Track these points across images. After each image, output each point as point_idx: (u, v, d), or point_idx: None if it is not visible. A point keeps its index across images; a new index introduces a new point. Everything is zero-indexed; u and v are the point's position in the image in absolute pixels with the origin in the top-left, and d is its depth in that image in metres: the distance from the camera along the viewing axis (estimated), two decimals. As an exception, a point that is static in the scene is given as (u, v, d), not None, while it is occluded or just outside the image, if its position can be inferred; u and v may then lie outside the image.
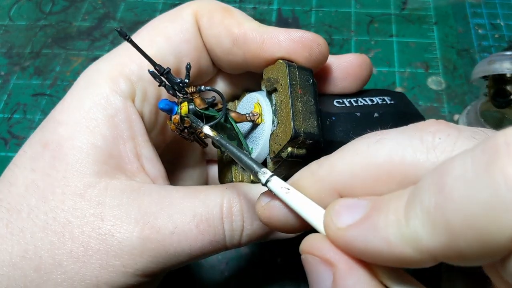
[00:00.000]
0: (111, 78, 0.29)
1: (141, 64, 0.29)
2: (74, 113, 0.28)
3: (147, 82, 0.29)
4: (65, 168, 0.26)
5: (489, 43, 0.58)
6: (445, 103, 0.53)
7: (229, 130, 0.29)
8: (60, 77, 0.58)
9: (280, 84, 0.28)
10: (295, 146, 0.27)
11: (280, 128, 0.27)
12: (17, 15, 0.65)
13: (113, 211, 0.25)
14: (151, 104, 0.30)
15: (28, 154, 0.28)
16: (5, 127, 0.54)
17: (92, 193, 0.26)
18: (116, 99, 0.28)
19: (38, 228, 0.25)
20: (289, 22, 0.62)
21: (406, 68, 0.56)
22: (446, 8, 0.62)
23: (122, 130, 0.28)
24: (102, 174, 0.27)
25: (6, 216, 0.26)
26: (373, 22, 0.61)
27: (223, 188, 0.28)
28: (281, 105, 0.27)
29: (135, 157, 0.28)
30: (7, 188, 0.27)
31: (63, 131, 0.27)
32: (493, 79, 0.39)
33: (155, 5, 0.65)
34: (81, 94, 0.29)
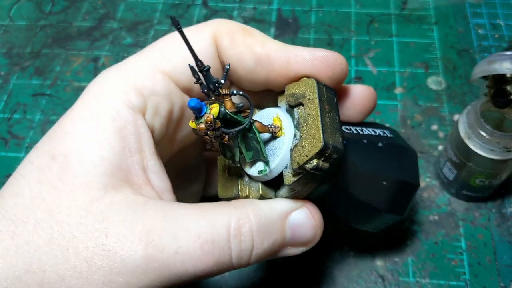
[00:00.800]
0: (122, 90, 0.29)
1: (154, 78, 0.29)
2: (83, 124, 0.28)
3: (159, 96, 0.29)
4: (72, 181, 0.26)
5: (489, 43, 0.58)
6: (445, 103, 0.53)
7: (249, 138, 0.29)
8: (60, 77, 0.58)
9: (307, 99, 0.28)
10: (321, 158, 0.27)
11: (307, 140, 0.27)
12: (17, 15, 0.65)
13: (117, 227, 0.25)
14: (162, 118, 0.30)
15: (35, 165, 0.27)
16: (5, 127, 0.54)
17: (98, 207, 0.26)
18: (126, 112, 0.28)
19: (43, 242, 0.25)
20: (289, 22, 0.62)
21: (406, 68, 0.57)
22: (446, 8, 0.62)
23: (130, 143, 0.28)
24: (109, 188, 0.26)
25: (12, 228, 0.25)
26: (373, 22, 0.61)
27: (231, 207, 0.27)
28: (308, 119, 0.28)
29: (141, 170, 0.28)
30: (13, 199, 0.26)
31: (71, 143, 0.27)
32: (493, 79, 0.39)
33: (155, 5, 0.65)
34: (91, 105, 0.28)
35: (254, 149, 0.29)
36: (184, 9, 0.64)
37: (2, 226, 0.26)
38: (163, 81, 0.30)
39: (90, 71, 0.58)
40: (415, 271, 0.42)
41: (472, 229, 0.44)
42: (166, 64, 0.30)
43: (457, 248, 0.43)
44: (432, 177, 0.48)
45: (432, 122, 0.52)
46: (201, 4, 0.65)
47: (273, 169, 0.29)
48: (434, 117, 0.52)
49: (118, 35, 0.62)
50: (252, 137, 0.29)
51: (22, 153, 0.51)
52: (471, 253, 0.43)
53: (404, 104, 0.53)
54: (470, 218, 0.45)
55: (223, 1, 0.65)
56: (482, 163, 0.40)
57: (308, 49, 0.29)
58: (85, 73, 0.58)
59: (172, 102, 0.30)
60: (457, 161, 0.43)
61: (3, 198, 0.27)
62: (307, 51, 0.29)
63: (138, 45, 0.60)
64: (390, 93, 0.54)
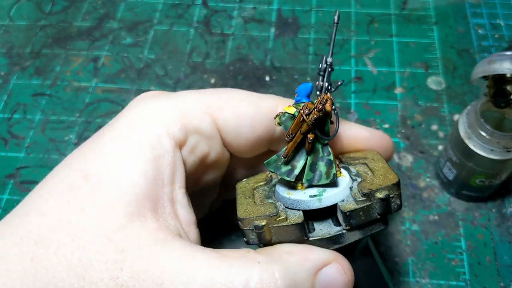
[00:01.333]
0: (169, 120, 0.29)
1: (202, 119, 0.30)
2: (123, 146, 0.28)
3: (200, 136, 0.30)
4: (101, 205, 0.26)
5: (489, 43, 0.58)
6: (445, 103, 0.53)
7: (318, 158, 0.29)
8: (60, 77, 0.58)
9: (371, 159, 0.30)
10: (391, 194, 0.27)
11: (377, 178, 0.28)
12: (17, 15, 0.65)
13: (132, 262, 0.25)
14: (196, 157, 0.31)
15: (66, 184, 0.27)
16: (5, 127, 0.54)
17: (119, 237, 0.25)
18: (167, 142, 0.28)
19: (61, 268, 0.25)
20: (289, 22, 0.62)
21: (406, 68, 0.56)
22: (446, 8, 0.62)
23: (164, 173, 0.28)
24: (135, 217, 0.26)
25: (33, 249, 0.25)
26: (373, 22, 0.61)
27: (254, 262, 0.25)
28: (375, 169, 0.29)
29: (169, 202, 0.28)
30: (39, 219, 0.26)
31: (108, 164, 0.27)
32: (493, 79, 0.39)
33: (155, 5, 0.65)
34: (134, 126, 0.28)
35: (316, 173, 0.29)
36: (184, 9, 0.64)
37: (24, 247, 0.25)
38: (209, 125, 0.30)
39: (90, 71, 0.58)
40: (415, 271, 0.42)
41: (472, 229, 0.44)
42: (219, 113, 0.30)
43: (457, 248, 0.43)
44: (432, 177, 0.48)
45: (432, 122, 0.52)
46: (201, 4, 0.65)
47: (328, 196, 0.28)
48: (434, 117, 0.52)
49: (118, 35, 0.62)
50: (321, 158, 0.29)
51: (22, 153, 0.51)
52: (471, 253, 0.43)
53: (404, 104, 0.53)
54: (470, 218, 0.45)
55: (223, 1, 0.65)
56: (482, 163, 0.40)
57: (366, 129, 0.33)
58: (85, 73, 0.58)
59: (210, 147, 0.31)
60: (457, 161, 0.43)
61: (28, 216, 0.26)
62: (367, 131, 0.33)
63: (138, 45, 0.60)
64: (390, 93, 0.54)
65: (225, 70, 0.57)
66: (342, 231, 0.28)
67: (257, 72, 0.57)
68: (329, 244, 0.28)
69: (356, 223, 0.27)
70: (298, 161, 0.29)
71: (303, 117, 0.27)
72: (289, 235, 0.28)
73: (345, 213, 0.27)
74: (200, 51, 0.59)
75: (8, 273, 0.25)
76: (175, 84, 0.56)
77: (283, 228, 0.27)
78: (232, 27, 0.62)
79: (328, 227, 0.28)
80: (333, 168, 0.29)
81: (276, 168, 0.29)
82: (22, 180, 0.50)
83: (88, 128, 0.53)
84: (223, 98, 0.31)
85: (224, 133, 0.31)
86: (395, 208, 0.28)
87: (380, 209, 0.27)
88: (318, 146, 0.29)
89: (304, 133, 0.28)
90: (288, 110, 0.29)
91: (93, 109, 0.55)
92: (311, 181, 0.29)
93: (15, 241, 0.25)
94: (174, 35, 0.61)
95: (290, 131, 0.28)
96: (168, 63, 0.59)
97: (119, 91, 0.56)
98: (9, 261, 0.25)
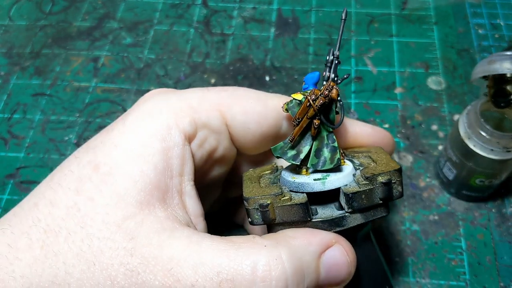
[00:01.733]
0: (179, 114, 0.29)
1: (211, 114, 0.31)
2: (133, 138, 0.28)
3: (209, 131, 0.31)
4: (111, 194, 0.26)
5: (489, 43, 0.58)
6: (445, 103, 0.53)
7: (324, 145, 0.30)
8: (60, 77, 0.58)
9: (374, 152, 0.32)
10: (393, 180, 0.28)
11: (380, 166, 0.29)
12: (17, 15, 0.65)
13: (142, 249, 0.25)
14: (204, 151, 0.31)
15: (76, 175, 0.27)
16: (5, 127, 0.54)
17: (129, 225, 0.26)
18: (177, 134, 0.29)
19: (72, 255, 0.25)
20: (289, 22, 0.62)
21: (406, 68, 0.56)
22: (446, 8, 0.62)
23: (173, 164, 0.28)
24: (143, 206, 0.27)
25: (42, 237, 0.26)
26: (373, 22, 0.61)
27: (261, 245, 0.26)
28: (378, 160, 0.30)
29: (178, 193, 0.29)
30: (48, 208, 0.26)
31: (118, 155, 0.28)
32: (493, 79, 0.39)
33: (155, 5, 0.65)
34: (145, 119, 0.29)
35: (321, 159, 0.30)
36: (184, 9, 0.64)
37: (33, 235, 0.26)
38: (218, 120, 0.31)
39: (90, 71, 0.58)
40: (415, 271, 0.42)
41: (472, 229, 0.44)
42: (227, 109, 0.31)
43: (457, 248, 0.43)
44: (432, 177, 0.48)
45: (432, 122, 0.52)
46: (201, 4, 0.65)
47: (332, 180, 0.29)
48: (434, 117, 0.52)
49: (118, 35, 0.62)
50: (326, 144, 0.30)
51: (22, 153, 0.51)
52: (471, 253, 0.43)
53: (404, 104, 0.53)
54: (470, 218, 0.45)
55: (223, 1, 0.65)
56: (482, 163, 0.40)
57: (370, 126, 0.35)
58: (85, 73, 0.58)
59: (218, 142, 0.32)
60: (457, 161, 0.43)
61: (37, 206, 0.27)
62: (370, 127, 0.34)
63: (138, 45, 0.60)
64: (390, 93, 0.54)
65: (225, 70, 0.57)
66: (344, 214, 0.28)
67: (257, 72, 0.57)
68: (331, 226, 0.28)
69: (359, 206, 0.28)
70: (303, 146, 0.30)
71: (310, 102, 0.28)
72: (293, 215, 0.28)
73: (348, 195, 0.27)
74: (200, 51, 0.59)
75: (17, 260, 0.25)
76: (175, 84, 0.56)
77: (287, 208, 0.28)
78: (232, 27, 0.62)
79: (331, 211, 0.29)
80: (337, 153, 0.30)
81: (283, 153, 0.30)
82: (22, 180, 0.50)
83: (88, 128, 0.53)
84: (232, 95, 0.32)
85: (232, 128, 0.32)
86: (397, 195, 0.29)
87: (382, 193, 0.28)
88: (324, 134, 0.30)
89: (310, 118, 0.29)
90: (296, 97, 0.30)
91: (93, 109, 0.55)
92: (315, 166, 0.30)
93: (24, 230, 0.26)
94: (174, 35, 0.61)
95: (297, 115, 0.29)
96: (168, 63, 0.59)
97: (119, 91, 0.56)
98: (18, 250, 0.25)
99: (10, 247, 0.25)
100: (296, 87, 0.55)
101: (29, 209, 0.27)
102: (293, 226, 0.29)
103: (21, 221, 0.26)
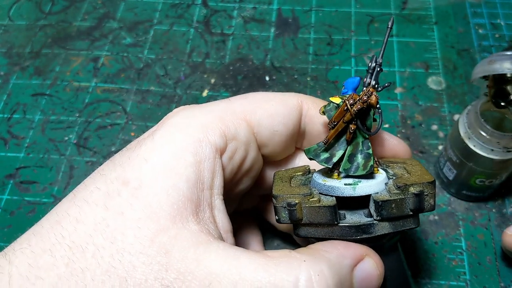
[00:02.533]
0: (208, 127, 0.29)
1: (238, 125, 0.30)
2: (164, 152, 0.28)
3: (239, 143, 0.31)
4: (142, 208, 0.26)
5: (489, 43, 0.58)
6: (445, 103, 0.53)
7: (358, 150, 0.30)
8: (60, 77, 0.58)
9: (409, 164, 0.31)
10: (425, 192, 0.27)
11: (413, 177, 0.28)
12: (17, 15, 0.65)
13: (177, 264, 0.24)
14: (234, 163, 0.31)
15: (103, 191, 0.27)
16: (5, 127, 0.54)
17: (162, 239, 0.25)
18: (208, 147, 0.28)
19: (101, 271, 0.24)
20: (289, 22, 0.62)
21: (406, 68, 0.56)
22: (446, 8, 0.62)
23: (204, 177, 0.28)
24: (177, 219, 0.26)
25: (67, 254, 0.24)
26: (373, 22, 0.61)
27: (300, 260, 0.25)
28: (412, 171, 0.30)
29: (208, 207, 0.28)
30: (74, 225, 0.25)
31: (148, 170, 0.27)
32: (493, 79, 0.39)
33: (155, 5, 0.65)
34: (174, 134, 0.29)
35: (354, 164, 0.29)
36: (184, 9, 0.64)
37: (57, 252, 0.24)
38: (245, 130, 0.31)
39: (90, 71, 0.58)
40: (415, 271, 0.42)
41: (472, 229, 0.44)
42: (252, 116, 0.31)
43: (457, 248, 0.43)
44: (432, 177, 0.48)
45: (432, 122, 0.52)
46: (201, 4, 0.65)
47: (363, 186, 0.28)
48: (434, 117, 0.52)
49: (118, 35, 0.62)
50: (360, 151, 0.30)
51: (22, 153, 0.51)
52: (471, 253, 0.43)
53: (404, 104, 0.53)
54: (470, 218, 0.45)
55: (223, 1, 0.65)
56: (482, 163, 0.40)
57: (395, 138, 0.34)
58: (85, 73, 0.58)
59: (247, 152, 0.32)
60: (457, 161, 0.42)
61: (61, 224, 0.26)
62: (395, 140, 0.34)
63: (138, 45, 0.60)
64: (390, 93, 0.54)
65: (225, 70, 0.57)
66: (372, 221, 0.28)
67: (257, 72, 0.57)
68: (357, 232, 0.28)
69: (388, 215, 0.27)
70: (337, 150, 0.30)
71: (348, 106, 0.28)
72: (320, 217, 0.28)
73: (378, 203, 0.27)
74: (200, 51, 0.59)
75: (39, 280, 0.24)
76: (175, 84, 0.56)
77: (314, 209, 0.28)
78: (232, 27, 0.62)
79: (359, 217, 0.29)
80: (371, 160, 0.29)
81: (316, 155, 0.30)
82: (21, 180, 0.49)
83: (88, 128, 0.53)
84: (253, 101, 0.32)
85: (259, 135, 0.32)
86: (428, 207, 0.28)
87: (413, 204, 0.27)
88: (359, 139, 0.30)
89: (347, 122, 0.29)
90: (334, 100, 0.30)
91: (93, 109, 0.55)
92: (348, 171, 0.29)
93: (46, 247, 0.25)
94: (174, 35, 0.61)
95: (333, 118, 0.29)
96: (168, 63, 0.59)
97: (119, 91, 0.56)
98: (39, 268, 0.24)
99: (31, 266, 0.24)
100: (296, 87, 0.55)
101: (50, 227, 0.26)
102: (319, 228, 0.29)
103: (43, 239, 0.25)
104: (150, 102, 0.55)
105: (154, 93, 0.56)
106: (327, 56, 0.58)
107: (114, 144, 0.52)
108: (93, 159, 0.51)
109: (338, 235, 0.29)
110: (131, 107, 0.55)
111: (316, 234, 0.29)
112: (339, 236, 0.29)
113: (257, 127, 0.31)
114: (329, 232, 0.29)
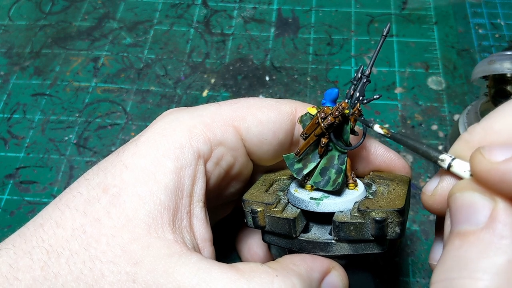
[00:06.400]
0: (192, 133, 0.29)
1: (225, 130, 0.30)
2: (145, 158, 0.27)
3: (226, 148, 0.30)
4: (119, 216, 0.26)
5: (490, 43, 0.58)
6: (445, 103, 0.53)
7: (332, 164, 0.29)
8: (60, 77, 0.58)
9: (396, 183, 0.30)
10: (389, 220, 0.27)
11: (384, 200, 0.28)
12: (16, 15, 0.65)
13: (146, 275, 0.24)
14: (221, 169, 0.31)
15: (85, 197, 0.27)
16: (4, 127, 0.54)
17: (134, 248, 0.25)
18: (190, 153, 0.28)
19: (72, 277, 0.24)
20: (289, 22, 0.62)
21: (406, 68, 0.56)
22: (446, 8, 0.62)
23: (184, 184, 0.28)
24: (152, 228, 0.26)
25: (44, 258, 0.25)
26: (373, 22, 0.61)
27: (272, 275, 0.25)
28: (393, 193, 0.29)
29: (187, 214, 0.28)
30: (53, 229, 0.26)
31: (128, 177, 0.27)
32: (493, 79, 0.39)
33: (155, 5, 0.65)
34: (157, 140, 0.28)
35: (325, 178, 0.29)
36: (184, 9, 0.64)
37: (35, 255, 0.25)
38: (233, 135, 0.30)
39: (90, 71, 0.58)
40: (415, 271, 0.42)
41: (472, 229, 0.44)
42: (241, 122, 0.31)
43: (457, 248, 0.43)
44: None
45: (432, 122, 0.52)
46: (201, 4, 0.65)
47: (327, 203, 0.28)
48: (434, 117, 0.52)
49: (118, 35, 0.62)
50: (334, 165, 0.29)
51: (22, 153, 0.51)
52: (471, 253, 0.43)
53: (404, 104, 0.53)
54: (470, 218, 0.45)
55: (223, 1, 0.65)
56: (482, 163, 0.40)
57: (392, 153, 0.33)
58: (84, 73, 0.58)
59: (235, 158, 0.31)
60: (457, 161, 0.42)
61: (43, 227, 0.26)
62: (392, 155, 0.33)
63: (138, 45, 0.60)
64: (390, 93, 0.54)
65: (225, 70, 0.57)
66: (331, 240, 0.28)
67: (257, 72, 0.57)
68: (315, 249, 0.28)
69: (346, 237, 0.27)
70: (310, 162, 0.29)
71: (318, 119, 0.28)
72: (280, 228, 0.29)
73: (335, 223, 0.27)
74: (200, 51, 0.59)
75: (16, 281, 0.24)
76: (175, 84, 0.56)
77: (274, 219, 0.29)
78: (232, 27, 0.62)
79: (323, 233, 0.29)
80: (340, 177, 0.29)
81: (291, 164, 0.30)
82: (21, 180, 0.49)
83: (88, 128, 0.53)
84: (244, 106, 0.31)
85: (248, 142, 0.31)
86: (393, 236, 0.27)
87: (374, 231, 0.27)
88: (335, 153, 0.29)
89: (318, 135, 0.28)
90: (310, 111, 0.29)
91: (93, 109, 0.55)
92: (317, 184, 0.29)
93: (27, 250, 0.25)
94: (174, 35, 0.61)
95: (305, 130, 0.29)
96: (168, 63, 0.59)
97: (119, 91, 0.56)
98: (18, 270, 0.25)
99: (11, 267, 0.25)
100: (296, 87, 0.55)
101: (34, 230, 0.26)
102: (281, 238, 0.29)
103: (25, 242, 0.26)
104: (150, 102, 0.55)
105: (154, 93, 0.56)
106: (327, 56, 0.58)
107: (114, 144, 0.52)
108: (93, 159, 0.51)
109: (297, 248, 0.29)
110: (131, 107, 0.55)
111: (279, 243, 0.30)
112: (298, 250, 0.29)
113: (246, 134, 0.31)
114: (289, 244, 0.29)
